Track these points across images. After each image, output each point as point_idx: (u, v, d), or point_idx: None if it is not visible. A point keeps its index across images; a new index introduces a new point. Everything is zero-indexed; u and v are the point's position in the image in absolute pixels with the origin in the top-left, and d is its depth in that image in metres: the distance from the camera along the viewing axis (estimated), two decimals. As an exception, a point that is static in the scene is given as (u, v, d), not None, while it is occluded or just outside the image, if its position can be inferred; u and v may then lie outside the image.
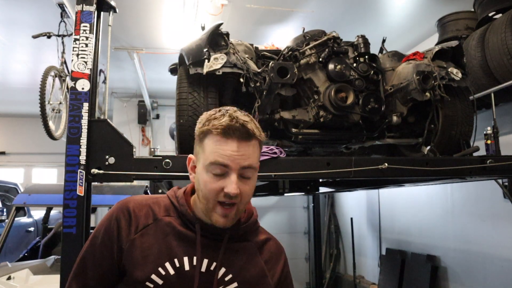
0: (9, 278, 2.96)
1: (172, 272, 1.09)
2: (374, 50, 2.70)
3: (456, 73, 2.50)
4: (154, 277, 1.08)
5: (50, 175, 9.35)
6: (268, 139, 2.55)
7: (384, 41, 2.91)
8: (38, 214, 6.17)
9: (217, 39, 2.34)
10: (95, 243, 1.14)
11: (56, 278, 2.21)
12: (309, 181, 4.06)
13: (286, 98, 2.50)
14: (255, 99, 2.33)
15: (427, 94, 2.43)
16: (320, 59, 2.49)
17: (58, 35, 3.99)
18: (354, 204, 7.06)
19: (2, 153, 9.07)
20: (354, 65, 2.53)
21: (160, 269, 1.09)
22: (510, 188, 3.43)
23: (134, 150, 1.96)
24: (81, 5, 1.96)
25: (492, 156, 2.55)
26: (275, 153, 2.13)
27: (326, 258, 7.80)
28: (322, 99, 2.43)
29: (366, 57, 2.57)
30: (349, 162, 2.20)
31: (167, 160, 1.97)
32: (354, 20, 4.69)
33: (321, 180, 3.86)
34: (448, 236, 4.65)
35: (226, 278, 1.14)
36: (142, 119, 7.80)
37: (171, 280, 1.09)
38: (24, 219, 6.03)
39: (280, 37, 4.95)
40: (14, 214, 3.73)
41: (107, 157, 1.89)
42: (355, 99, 2.43)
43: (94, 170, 1.86)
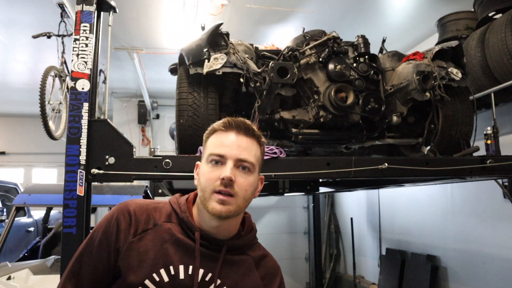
0: (9, 278, 2.96)
1: (166, 279, 1.08)
2: (374, 50, 2.70)
3: (456, 73, 2.50)
4: (147, 282, 1.07)
5: (50, 175, 9.35)
6: (268, 139, 2.55)
7: (384, 41, 2.91)
8: (38, 214, 6.17)
9: (217, 39, 2.34)
10: (93, 243, 1.14)
11: (56, 278, 2.22)
12: (309, 181, 4.07)
13: (286, 98, 2.50)
14: (255, 99, 2.33)
15: (427, 94, 2.42)
16: (320, 59, 2.49)
17: (58, 35, 3.99)
18: (354, 204, 7.05)
19: (2, 153, 9.07)
20: (354, 65, 2.53)
21: (154, 275, 1.08)
22: (510, 188, 3.43)
23: (134, 150, 1.96)
24: (81, 5, 1.96)
25: (492, 156, 2.54)
26: (275, 153, 2.13)
27: (326, 258, 7.79)
28: (322, 99, 2.43)
29: (366, 57, 2.57)
30: (349, 162, 2.20)
31: (167, 160, 1.98)
32: (354, 20, 4.69)
33: (321, 180, 3.86)
34: (448, 236, 4.65)
35: None
36: (142, 119, 7.80)
37: (164, 287, 1.08)
38: (24, 219, 6.03)
39: (280, 37, 4.95)
40: (14, 214, 3.72)
41: (107, 157, 1.89)
42: (355, 99, 2.43)
43: (94, 170, 1.86)
